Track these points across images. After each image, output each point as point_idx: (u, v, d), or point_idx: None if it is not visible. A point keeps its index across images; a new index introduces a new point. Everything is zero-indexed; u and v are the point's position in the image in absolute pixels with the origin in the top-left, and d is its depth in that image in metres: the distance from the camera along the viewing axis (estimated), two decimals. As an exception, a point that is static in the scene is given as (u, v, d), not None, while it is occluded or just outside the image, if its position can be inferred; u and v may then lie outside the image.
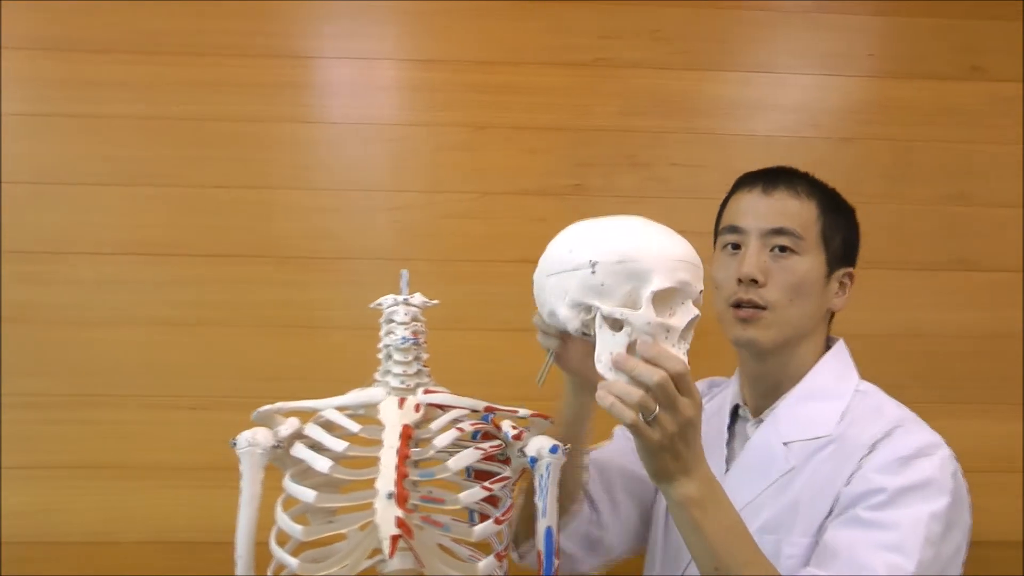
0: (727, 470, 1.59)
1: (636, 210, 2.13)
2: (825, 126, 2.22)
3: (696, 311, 1.24)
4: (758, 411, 1.61)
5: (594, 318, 1.24)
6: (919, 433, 1.45)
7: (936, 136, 2.24)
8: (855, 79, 2.24)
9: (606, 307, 1.22)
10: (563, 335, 1.40)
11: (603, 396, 1.18)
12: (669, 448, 1.20)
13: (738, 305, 1.53)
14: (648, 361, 1.18)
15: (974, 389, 2.19)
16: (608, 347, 1.22)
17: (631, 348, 1.21)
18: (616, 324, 1.22)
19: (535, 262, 2.04)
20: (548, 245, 1.33)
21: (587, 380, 1.45)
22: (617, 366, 1.19)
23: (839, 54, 2.24)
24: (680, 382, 1.18)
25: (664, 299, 1.22)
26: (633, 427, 1.18)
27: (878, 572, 1.30)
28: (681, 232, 2.15)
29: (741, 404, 1.65)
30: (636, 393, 1.16)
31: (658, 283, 1.21)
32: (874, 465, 1.41)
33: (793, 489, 1.48)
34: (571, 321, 1.27)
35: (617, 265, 1.22)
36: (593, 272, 1.23)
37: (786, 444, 1.52)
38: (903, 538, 1.33)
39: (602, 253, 1.23)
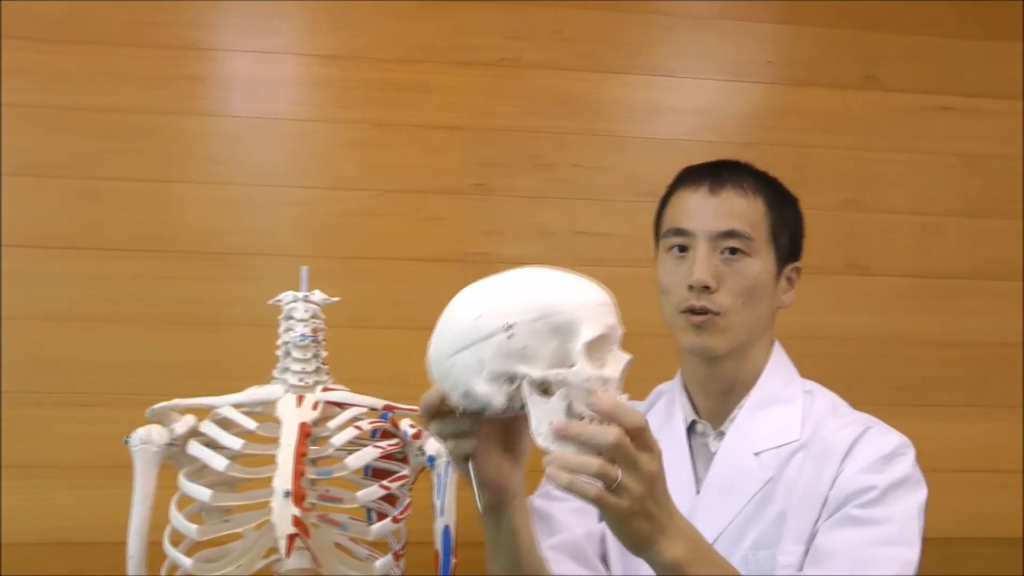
0: (699, 492, 1.51)
1: (540, 209, 2.16)
2: (725, 131, 2.26)
3: (627, 355, 1.10)
4: (714, 419, 1.55)
5: (519, 388, 1.07)
6: (890, 433, 1.45)
7: (832, 143, 2.29)
8: (755, 85, 2.28)
9: (536, 372, 1.06)
10: (469, 434, 1.15)
11: (556, 475, 1.00)
12: (641, 512, 1.05)
13: (690, 311, 1.46)
14: (601, 417, 1.03)
15: (866, 391, 2.23)
16: (546, 417, 1.05)
17: (570, 412, 1.05)
18: (547, 388, 1.06)
19: (437, 260, 2.04)
20: (442, 319, 1.12)
21: (505, 490, 1.22)
22: (561, 435, 1.03)
23: (740, 60, 2.28)
24: (638, 437, 1.03)
25: (594, 349, 1.07)
26: (598, 500, 1.02)
27: (886, 569, 1.30)
28: (583, 233, 2.18)
29: (697, 419, 1.56)
30: (593, 463, 1.01)
31: (588, 333, 1.06)
32: (858, 466, 1.40)
33: (776, 499, 1.44)
34: (495, 397, 1.07)
35: (537, 322, 1.06)
36: (510, 336, 1.06)
37: (756, 455, 1.48)
38: (901, 530, 1.33)
39: (516, 313, 1.06)
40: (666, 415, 1.61)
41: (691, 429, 1.57)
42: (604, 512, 1.05)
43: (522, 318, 1.05)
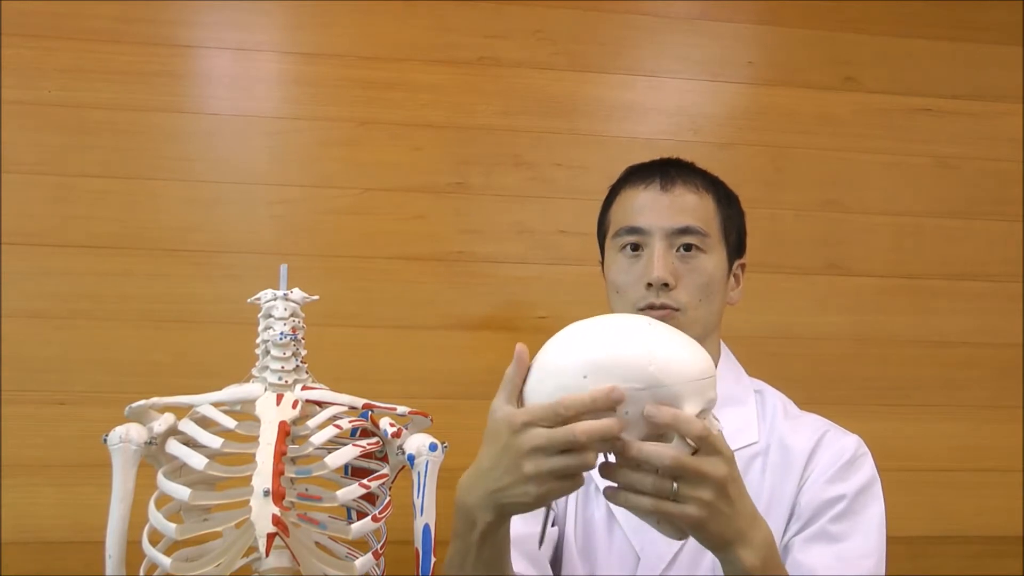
0: None
1: (520, 208, 2.16)
2: (705, 131, 2.26)
3: (719, 423, 1.10)
4: None
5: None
6: (847, 435, 1.47)
7: (811, 144, 2.30)
8: (735, 85, 2.28)
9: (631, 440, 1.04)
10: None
11: (613, 494, 1.06)
12: (714, 516, 1.05)
13: (649, 308, 1.44)
14: (661, 428, 1.04)
15: (843, 390, 2.25)
16: None
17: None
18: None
19: (415, 259, 2.04)
20: (541, 363, 1.10)
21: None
22: (625, 457, 1.04)
23: (720, 60, 2.28)
24: (702, 444, 1.03)
25: None
26: (656, 512, 1.05)
27: None
28: (564, 232, 2.17)
29: None
30: (647, 479, 1.03)
31: (690, 408, 1.05)
32: (824, 476, 1.41)
33: None
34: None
35: (642, 392, 1.04)
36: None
37: None
38: (872, 540, 1.37)
39: (623, 379, 1.03)
40: None
41: None
42: (672, 522, 1.06)
43: (628, 386, 1.03)
